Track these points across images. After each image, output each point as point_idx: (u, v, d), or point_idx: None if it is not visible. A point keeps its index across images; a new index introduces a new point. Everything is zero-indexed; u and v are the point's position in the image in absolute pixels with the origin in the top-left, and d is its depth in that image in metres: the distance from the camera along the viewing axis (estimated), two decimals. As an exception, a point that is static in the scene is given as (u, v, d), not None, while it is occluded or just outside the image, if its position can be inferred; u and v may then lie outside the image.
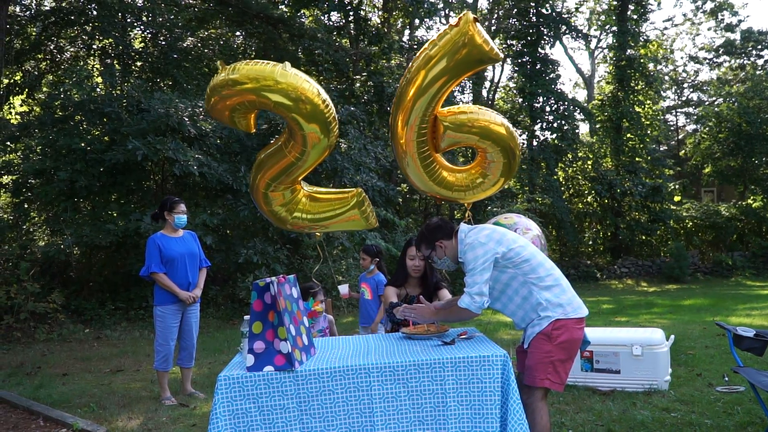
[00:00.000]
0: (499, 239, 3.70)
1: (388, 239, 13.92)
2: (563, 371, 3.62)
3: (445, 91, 4.42)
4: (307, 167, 4.63)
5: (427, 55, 4.33)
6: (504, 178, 4.98)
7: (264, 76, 4.20)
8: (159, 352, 6.02)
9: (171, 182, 12.62)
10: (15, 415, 5.81)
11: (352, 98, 15.84)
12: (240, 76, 4.21)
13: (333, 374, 3.20)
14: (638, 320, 10.61)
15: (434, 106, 4.48)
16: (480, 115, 4.71)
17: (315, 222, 5.05)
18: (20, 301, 9.71)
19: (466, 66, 4.32)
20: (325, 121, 4.37)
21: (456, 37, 4.21)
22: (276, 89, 4.20)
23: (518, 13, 21.86)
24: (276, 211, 4.92)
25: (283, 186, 4.76)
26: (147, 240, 6.06)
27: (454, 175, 5.01)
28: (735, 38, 28.96)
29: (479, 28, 4.22)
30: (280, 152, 4.60)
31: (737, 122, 22.18)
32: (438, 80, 4.32)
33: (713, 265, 20.12)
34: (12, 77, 15.25)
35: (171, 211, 6.07)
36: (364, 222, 5.08)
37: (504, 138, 4.74)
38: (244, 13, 15.95)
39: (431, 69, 4.30)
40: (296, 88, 4.22)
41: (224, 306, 12.20)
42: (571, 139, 21.28)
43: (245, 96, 4.24)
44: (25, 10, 15.71)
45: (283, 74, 4.23)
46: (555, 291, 3.66)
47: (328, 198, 5.09)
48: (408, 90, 4.43)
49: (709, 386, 5.82)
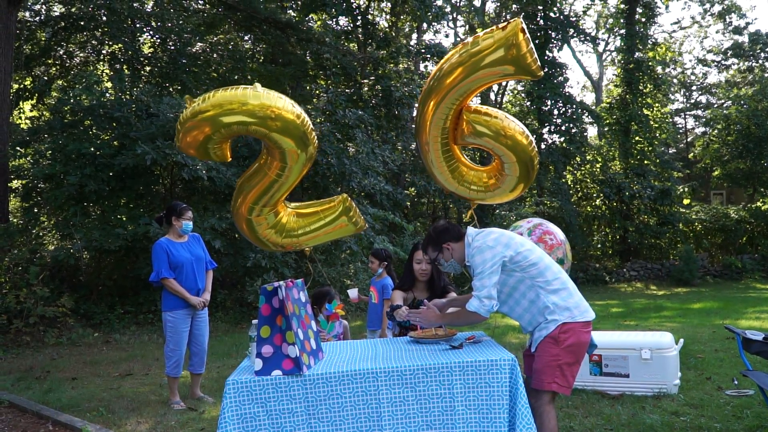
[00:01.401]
0: (507, 243, 3.71)
1: (396, 243, 13.92)
2: (570, 375, 3.63)
3: (477, 89, 4.40)
4: (290, 184, 4.49)
5: (469, 52, 4.30)
6: (523, 184, 4.91)
7: (229, 101, 4.05)
8: (170, 357, 6.00)
9: (180, 186, 12.66)
10: (24, 420, 5.84)
11: (360, 102, 15.87)
12: (205, 106, 4.06)
13: (341, 378, 3.21)
14: (647, 324, 10.57)
15: (462, 101, 4.46)
16: (506, 122, 4.65)
17: (308, 235, 4.98)
18: (30, 305, 9.74)
19: (503, 71, 4.28)
20: (300, 135, 4.27)
21: (502, 41, 4.18)
22: (242, 111, 4.04)
23: (526, 16, 21.83)
24: (266, 236, 4.82)
25: (267, 208, 4.66)
26: (153, 245, 6.06)
27: (472, 173, 4.95)
28: (743, 41, 28.88)
29: (527, 37, 4.18)
30: (260, 171, 4.47)
31: (746, 125, 22.08)
32: (471, 77, 4.30)
33: (722, 268, 20.01)
34: (22, 82, 15.36)
35: (179, 217, 6.06)
36: (353, 227, 5.03)
37: (525, 149, 4.68)
38: (253, 17, 16.01)
39: (470, 67, 4.27)
40: (263, 107, 4.06)
41: (232, 310, 12.23)
42: (579, 143, 21.23)
43: (205, 125, 4.09)
44: (35, 15, 15.84)
45: (255, 95, 4.07)
46: (562, 294, 3.67)
47: (315, 211, 5.03)
48: (444, 81, 4.40)
49: (718, 390, 5.79)
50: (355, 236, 12.49)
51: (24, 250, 10.77)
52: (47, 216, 12.36)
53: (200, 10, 17.34)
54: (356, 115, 13.48)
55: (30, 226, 12.11)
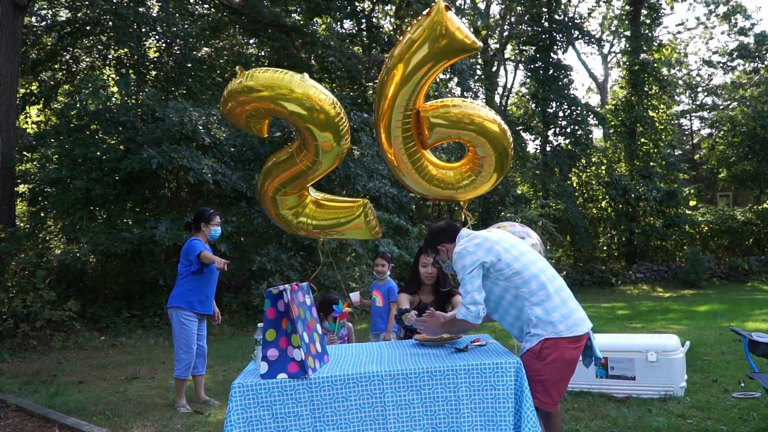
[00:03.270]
0: (490, 248, 3.57)
1: (401, 246, 13.91)
2: (555, 391, 3.47)
3: (425, 82, 4.41)
4: (318, 175, 4.66)
5: (403, 47, 4.32)
6: (497, 174, 4.90)
7: (279, 85, 4.26)
8: (182, 360, 5.98)
9: (185, 190, 12.70)
10: (31, 423, 5.86)
11: (364, 105, 15.88)
12: (256, 84, 4.28)
13: (346, 381, 3.21)
14: (653, 326, 10.54)
15: (415, 99, 4.46)
16: (469, 109, 4.66)
17: (319, 228, 5.07)
18: (36, 309, 9.78)
19: (444, 54, 4.29)
20: (339, 131, 4.40)
21: (430, 27, 4.19)
22: (291, 98, 4.26)
23: (531, 18, 21.84)
24: (283, 214, 4.95)
25: (292, 191, 4.79)
26: (190, 241, 5.99)
27: (443, 172, 4.95)
28: (749, 42, 28.81)
29: (451, 16, 4.18)
30: (291, 160, 4.63)
31: (752, 126, 22.01)
32: (418, 71, 4.31)
33: (729, 269, 19.93)
34: (28, 87, 15.42)
35: (208, 223, 6.10)
36: (368, 232, 5.08)
37: (496, 135, 4.69)
38: (258, 21, 16.05)
39: (410, 60, 4.28)
40: (311, 98, 4.27)
41: (238, 313, 12.24)
42: (584, 144, 21.19)
43: (262, 103, 4.30)
44: (41, 20, 15.92)
45: (300, 84, 4.27)
46: (546, 306, 3.49)
47: (335, 206, 5.11)
48: (388, 83, 4.42)
49: (724, 392, 5.77)
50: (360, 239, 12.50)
51: (31, 254, 10.80)
52: (54, 220, 12.40)
53: (205, 15, 17.39)
54: (361, 118, 13.49)
55: (37, 230, 12.15)
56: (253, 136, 11.74)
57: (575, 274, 19.63)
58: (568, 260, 21.54)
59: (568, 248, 21.56)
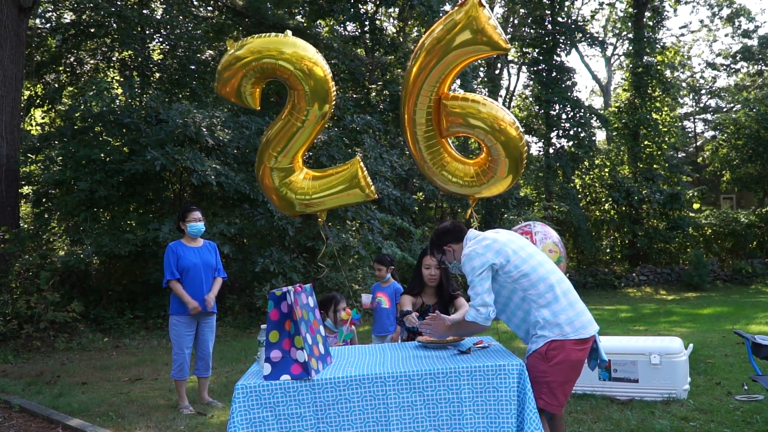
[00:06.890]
0: (498, 250, 3.58)
1: (404, 248, 13.91)
2: (561, 393, 3.47)
3: (450, 72, 4.44)
4: (308, 134, 4.92)
5: (434, 37, 4.35)
6: (512, 176, 4.91)
7: (268, 47, 4.69)
8: (175, 360, 6.05)
9: (189, 192, 12.71)
10: (35, 424, 5.88)
11: (368, 107, 15.89)
12: (245, 51, 4.69)
13: (349, 383, 3.22)
14: (657, 328, 10.52)
15: (439, 86, 4.48)
16: (488, 108, 4.68)
17: (318, 199, 5.18)
18: (40, 310, 9.79)
19: (471, 48, 4.33)
20: (325, 85, 4.83)
21: (462, 18, 4.22)
22: (282, 58, 4.69)
23: (534, 20, 21.83)
24: (282, 191, 5.07)
25: (286, 159, 4.98)
26: (166, 251, 6.06)
27: (460, 166, 4.97)
28: (752, 44, 28.76)
29: (486, 12, 4.20)
30: (284, 121, 4.91)
31: (755, 129, 21.97)
32: (442, 60, 4.36)
33: (732, 272, 19.88)
34: (33, 89, 15.47)
35: (183, 221, 6.07)
36: (363, 191, 5.19)
37: (512, 138, 4.70)
38: (261, 24, 16.07)
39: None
40: (299, 57, 4.73)
41: (241, 315, 12.25)
42: (587, 147, 21.16)
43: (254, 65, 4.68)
44: (46, 22, 15.96)
45: (291, 42, 4.75)
46: (554, 308, 3.50)
47: (329, 173, 5.34)
48: (413, 70, 4.47)
49: (728, 395, 5.77)
50: (363, 241, 12.50)
51: (35, 256, 10.82)
52: (57, 222, 12.43)
53: (209, 17, 17.42)
54: (364, 120, 13.50)
55: (40, 231, 12.18)
56: (256, 138, 11.76)
57: (578, 277, 19.59)
58: (571, 263, 21.49)
59: (571, 250, 21.53)
